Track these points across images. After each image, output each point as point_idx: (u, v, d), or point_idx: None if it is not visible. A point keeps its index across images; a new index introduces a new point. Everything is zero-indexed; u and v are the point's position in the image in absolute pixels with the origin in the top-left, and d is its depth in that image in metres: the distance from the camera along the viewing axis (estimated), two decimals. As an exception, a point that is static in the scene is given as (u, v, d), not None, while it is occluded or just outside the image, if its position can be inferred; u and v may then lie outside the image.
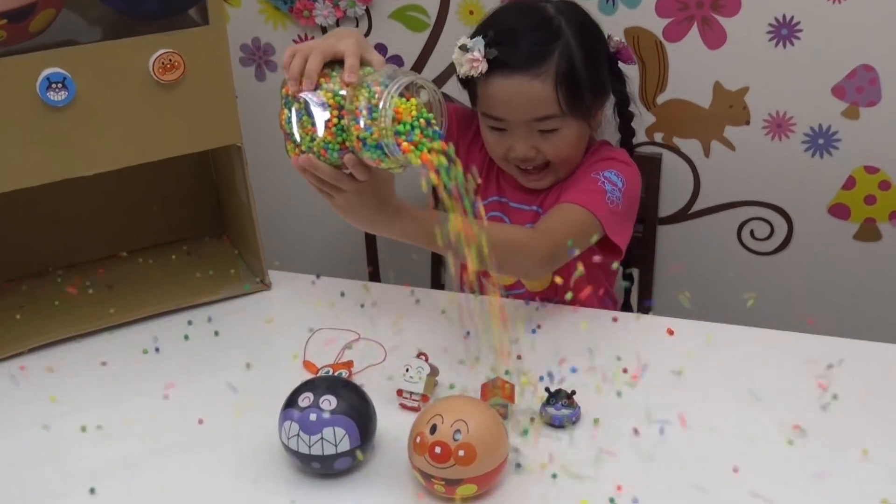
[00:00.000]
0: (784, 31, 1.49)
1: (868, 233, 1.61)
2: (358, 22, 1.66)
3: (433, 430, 0.90)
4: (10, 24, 1.10)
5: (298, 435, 0.93)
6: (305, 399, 0.94)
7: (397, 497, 0.94)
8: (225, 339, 1.22)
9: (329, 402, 0.94)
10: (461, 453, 0.88)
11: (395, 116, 0.96)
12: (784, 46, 1.50)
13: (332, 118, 1.00)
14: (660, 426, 0.98)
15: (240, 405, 1.07)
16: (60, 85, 1.12)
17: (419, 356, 1.09)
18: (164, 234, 1.49)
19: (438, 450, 0.89)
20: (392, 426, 1.02)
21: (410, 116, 0.96)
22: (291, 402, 0.95)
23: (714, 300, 1.64)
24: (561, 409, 1.03)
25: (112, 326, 1.26)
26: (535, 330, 1.20)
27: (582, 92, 1.26)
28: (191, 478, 0.99)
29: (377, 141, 0.96)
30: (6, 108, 1.11)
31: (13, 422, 1.10)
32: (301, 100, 1.03)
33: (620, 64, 1.34)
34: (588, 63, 1.26)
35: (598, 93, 1.31)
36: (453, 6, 1.60)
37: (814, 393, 1.04)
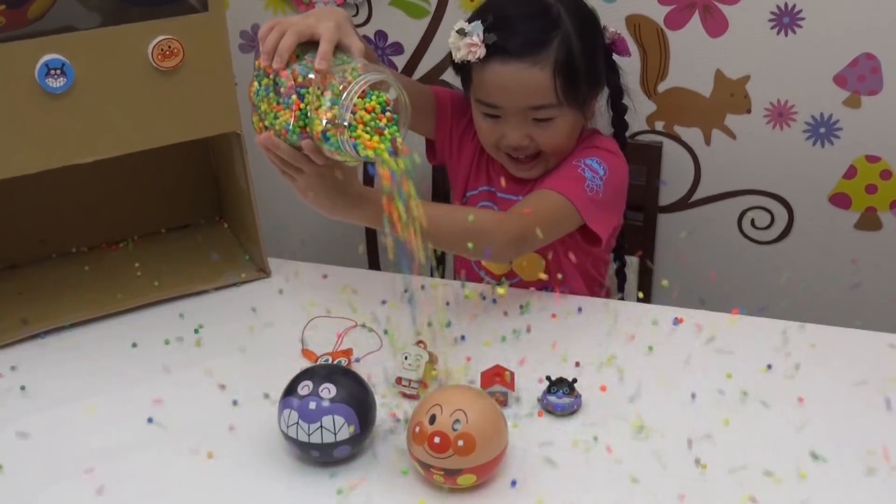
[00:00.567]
0: (786, 20, 1.48)
1: (869, 222, 1.61)
2: (358, 9, 1.65)
3: (432, 421, 0.90)
4: (9, 10, 1.09)
5: (298, 423, 0.93)
6: (305, 387, 0.94)
7: (397, 486, 0.94)
8: (224, 327, 1.22)
9: (328, 391, 0.93)
10: (460, 443, 0.88)
11: (356, 115, 0.95)
12: (786, 35, 1.50)
13: (296, 102, 0.99)
14: (660, 414, 0.98)
15: (239, 393, 1.07)
16: (59, 71, 1.12)
17: (418, 344, 1.09)
18: (163, 222, 1.49)
19: (437, 440, 0.89)
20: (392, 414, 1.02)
21: (369, 112, 0.96)
22: (291, 391, 0.95)
23: (714, 288, 1.64)
24: (562, 398, 1.03)
25: (108, 315, 1.26)
26: (527, 313, 1.20)
27: (579, 82, 1.25)
28: (189, 466, 0.99)
29: (334, 135, 0.96)
30: (4, 95, 1.10)
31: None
32: (271, 76, 1.02)
33: (615, 56, 1.34)
34: (586, 53, 1.25)
35: (594, 83, 1.30)
36: (454, -7, 1.60)
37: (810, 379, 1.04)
